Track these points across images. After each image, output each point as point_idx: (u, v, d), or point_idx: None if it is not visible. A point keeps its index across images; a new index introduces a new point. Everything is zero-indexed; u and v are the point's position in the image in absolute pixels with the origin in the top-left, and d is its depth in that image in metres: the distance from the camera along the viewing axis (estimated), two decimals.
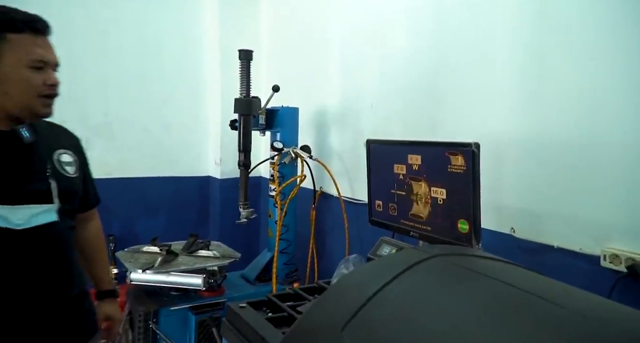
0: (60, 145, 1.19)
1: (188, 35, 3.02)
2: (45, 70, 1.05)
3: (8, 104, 1.04)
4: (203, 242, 2.25)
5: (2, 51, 1.01)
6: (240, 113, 2.02)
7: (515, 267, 0.80)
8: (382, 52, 2.12)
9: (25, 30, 1.02)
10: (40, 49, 1.04)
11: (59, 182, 1.12)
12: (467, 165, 1.10)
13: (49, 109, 1.08)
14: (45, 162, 1.12)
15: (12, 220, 1.02)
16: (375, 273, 0.75)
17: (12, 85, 1.02)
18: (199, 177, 3.15)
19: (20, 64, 1.02)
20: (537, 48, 1.46)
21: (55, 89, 1.07)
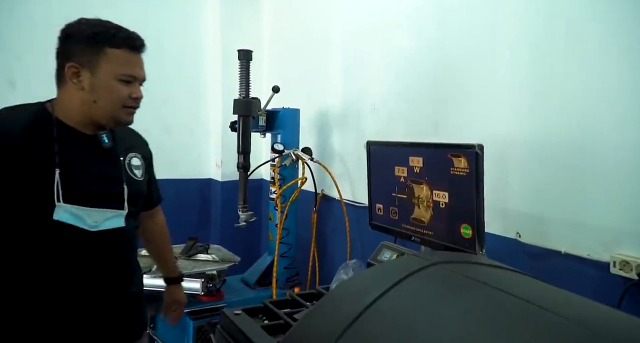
0: (131, 149, 1.26)
1: (189, 36, 3.00)
2: (133, 84, 1.12)
3: (95, 112, 1.10)
4: (202, 246, 2.21)
5: (99, 62, 1.08)
6: (239, 114, 1.98)
7: (518, 275, 0.75)
8: (383, 53, 2.08)
9: (123, 46, 1.09)
10: (133, 65, 1.12)
11: (129, 186, 1.18)
12: (470, 167, 1.06)
13: (131, 118, 1.15)
14: (120, 167, 1.19)
15: (87, 221, 1.09)
16: (372, 281, 0.71)
17: (102, 95, 1.09)
18: (199, 180, 3.12)
19: (112, 77, 1.09)
20: (542, 48, 1.41)
21: (139, 101, 1.15)
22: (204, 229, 3.09)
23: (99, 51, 1.07)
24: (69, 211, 1.06)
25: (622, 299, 1.18)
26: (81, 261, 1.11)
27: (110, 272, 1.17)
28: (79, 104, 1.10)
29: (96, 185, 1.13)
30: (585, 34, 1.31)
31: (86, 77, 1.08)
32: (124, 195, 1.16)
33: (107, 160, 1.17)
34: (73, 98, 1.10)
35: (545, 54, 1.41)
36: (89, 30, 1.08)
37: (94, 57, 1.07)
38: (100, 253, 1.14)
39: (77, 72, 1.08)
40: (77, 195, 1.08)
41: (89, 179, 1.12)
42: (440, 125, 1.78)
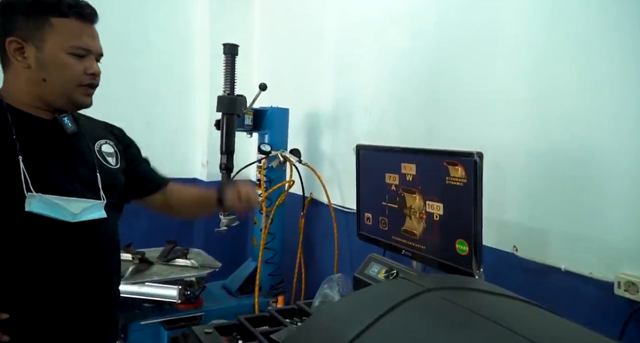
0: (101, 136, 1.15)
1: (176, 30, 2.88)
2: (88, 59, 1.01)
3: (47, 92, 0.99)
4: (181, 250, 2.10)
5: (45, 35, 0.96)
6: (223, 112, 1.87)
7: (522, 306, 0.65)
8: (377, 52, 1.98)
9: (70, 15, 0.98)
10: (84, 36, 1.00)
11: (103, 174, 1.08)
12: (468, 177, 0.96)
13: (89, 99, 1.04)
14: (90, 154, 1.08)
15: (66, 211, 0.97)
16: (358, 310, 0.61)
17: (52, 71, 0.98)
18: (184, 179, 2.99)
19: (61, 50, 0.97)
20: (545, 51, 1.32)
21: (96, 78, 1.03)
22: (186, 232, 2.97)
23: (44, 22, 0.96)
24: (43, 201, 0.94)
25: (627, 324, 1.09)
26: (58, 257, 1.00)
27: (89, 271, 1.05)
28: (27, 84, 0.98)
29: (66, 172, 1.02)
30: (590, 36, 1.22)
31: (31, 52, 0.96)
32: (97, 184, 1.05)
33: (73, 146, 1.05)
34: (20, 78, 0.98)
35: (547, 57, 1.32)
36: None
37: (38, 30, 0.96)
38: (80, 249, 1.03)
39: (20, 47, 0.96)
40: (49, 184, 0.96)
41: (57, 166, 1.01)
42: (435, 129, 1.69)
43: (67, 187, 1.00)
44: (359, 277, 1.23)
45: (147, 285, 1.85)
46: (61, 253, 1.00)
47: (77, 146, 1.06)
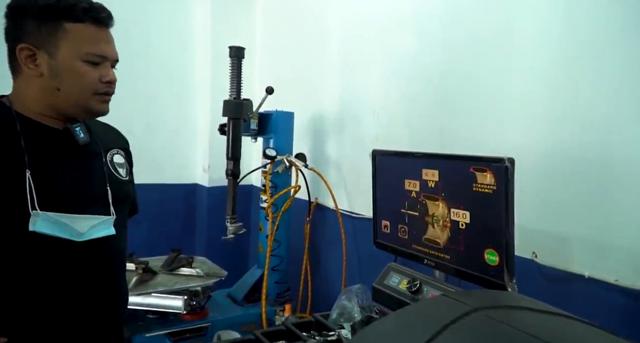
0: (112, 145, 1.10)
1: (177, 32, 2.83)
2: (103, 66, 0.95)
3: (61, 101, 0.94)
4: (185, 258, 2.04)
5: (58, 42, 0.91)
6: (229, 116, 1.82)
7: (572, 324, 0.61)
8: (385, 54, 1.94)
9: (85, 19, 0.92)
10: (100, 42, 0.94)
11: (114, 187, 1.02)
12: (498, 184, 0.91)
13: (105, 106, 0.98)
14: (102, 166, 1.02)
15: (72, 230, 0.92)
16: (406, 332, 0.56)
17: (66, 80, 0.92)
18: (185, 185, 2.94)
19: (76, 57, 0.92)
20: (565, 51, 1.28)
21: (112, 86, 0.98)
22: (188, 239, 2.92)
23: (57, 28, 0.90)
24: (49, 219, 0.88)
25: None
26: (64, 278, 0.94)
27: (96, 291, 1.00)
28: (39, 92, 0.93)
29: (76, 187, 0.96)
30: (610, 36, 1.18)
31: (44, 60, 0.91)
32: (108, 198, 0.99)
33: (85, 158, 1.00)
34: (32, 86, 0.93)
35: (565, 57, 1.28)
36: (41, 2, 0.90)
37: (51, 36, 0.90)
38: (86, 269, 0.97)
39: (32, 55, 0.91)
40: (55, 200, 0.91)
41: (66, 180, 0.95)
42: (447, 131, 1.65)
43: (76, 203, 0.95)
44: (378, 288, 1.18)
45: (151, 296, 1.79)
46: (66, 273, 0.95)
47: (88, 157, 1.01)
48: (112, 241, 1.01)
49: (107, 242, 0.99)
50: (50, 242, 0.90)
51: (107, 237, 0.98)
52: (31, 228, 0.87)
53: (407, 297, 1.10)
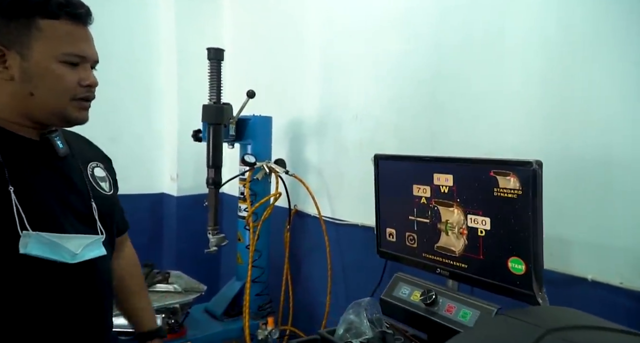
0: (91, 158, 1.00)
1: (138, 34, 2.66)
2: (82, 67, 0.86)
3: (34, 108, 0.83)
4: (161, 273, 1.90)
5: (31, 41, 0.80)
6: (209, 122, 1.71)
7: None
8: (368, 56, 1.90)
9: (61, 16, 0.82)
10: (78, 40, 0.84)
11: (98, 202, 0.93)
12: (524, 188, 0.88)
13: (85, 114, 0.88)
14: (83, 180, 0.93)
15: (65, 251, 0.83)
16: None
17: (40, 84, 0.82)
18: (151, 195, 2.77)
19: (51, 58, 0.82)
20: (560, 51, 1.28)
21: (92, 90, 0.88)
22: (155, 252, 2.75)
23: (30, 25, 0.80)
24: (41, 240, 0.79)
25: None
26: (52, 304, 0.84)
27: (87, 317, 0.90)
28: (10, 98, 0.83)
29: (61, 204, 0.86)
30: (608, 34, 1.19)
31: (15, 62, 0.80)
32: (94, 215, 0.90)
33: (66, 171, 0.90)
34: (1, 92, 0.82)
35: (561, 56, 1.28)
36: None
37: (23, 34, 0.80)
38: (75, 291, 0.87)
39: (1, 56, 0.80)
40: (45, 219, 0.81)
41: (51, 197, 0.85)
42: (439, 136, 1.62)
43: (62, 220, 0.84)
44: (388, 300, 1.12)
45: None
46: (55, 296, 0.84)
47: (67, 170, 0.91)
48: (102, 262, 0.91)
49: (96, 263, 0.89)
50: (39, 264, 0.79)
51: (97, 258, 0.88)
52: (22, 250, 0.76)
53: (422, 310, 1.05)
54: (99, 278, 0.92)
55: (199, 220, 2.62)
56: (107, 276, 0.96)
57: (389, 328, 1.09)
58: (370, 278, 1.63)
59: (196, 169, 2.73)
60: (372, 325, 1.09)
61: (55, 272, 0.82)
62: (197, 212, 2.60)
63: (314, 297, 2.20)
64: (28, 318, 0.81)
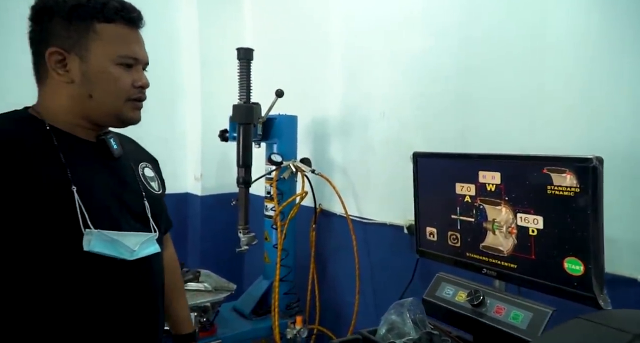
0: (141, 158, 1.03)
1: (162, 36, 2.67)
2: (135, 69, 0.89)
3: (93, 109, 0.86)
4: (191, 272, 1.90)
5: (89, 44, 0.83)
6: (240, 122, 1.70)
7: None
8: (394, 53, 1.88)
9: (117, 19, 0.85)
10: (132, 43, 0.88)
11: (150, 201, 0.95)
12: (582, 186, 0.85)
13: (138, 114, 0.91)
14: (136, 180, 0.96)
15: (125, 248, 0.85)
16: None
17: (99, 85, 0.85)
18: (176, 194, 2.78)
19: (109, 60, 0.85)
20: (605, 47, 1.25)
21: (144, 91, 0.92)
22: (180, 251, 2.75)
23: (87, 28, 0.83)
24: (103, 238, 0.81)
25: None
26: (110, 297, 0.86)
27: (138, 311, 0.91)
28: (70, 101, 0.84)
29: (118, 203, 0.89)
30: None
31: (74, 65, 0.83)
32: (147, 214, 0.93)
33: (120, 172, 0.92)
34: (61, 94, 0.84)
35: (605, 55, 1.25)
36: (70, 2, 0.82)
37: (82, 37, 0.82)
38: (133, 288, 0.89)
39: (62, 59, 0.82)
40: (102, 218, 0.83)
41: (108, 196, 0.87)
42: (468, 134, 1.60)
43: (119, 219, 0.86)
44: (431, 301, 1.11)
45: None
46: (114, 292, 0.86)
47: (121, 170, 0.93)
48: (156, 259, 0.93)
49: (151, 260, 0.90)
50: (100, 261, 0.81)
51: (151, 255, 0.90)
52: (86, 248, 0.78)
53: (468, 311, 1.04)
54: (154, 275, 0.94)
55: (223, 219, 2.64)
56: (161, 273, 0.98)
57: (433, 329, 1.07)
58: (398, 278, 1.62)
59: (219, 169, 2.74)
60: (416, 325, 1.08)
61: (115, 268, 0.83)
62: (221, 211, 2.62)
63: (341, 296, 2.20)
64: (89, 313, 0.83)
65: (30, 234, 0.76)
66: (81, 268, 0.80)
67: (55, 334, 0.80)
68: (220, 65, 2.57)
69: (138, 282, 0.89)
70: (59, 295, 0.80)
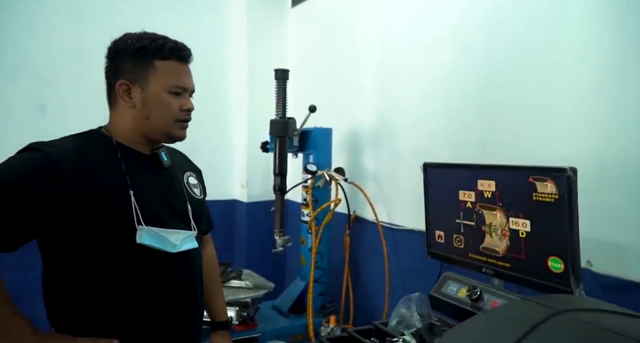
0: (186, 168, 1.23)
1: (215, 55, 2.97)
2: (183, 96, 1.08)
3: (148, 128, 1.06)
4: (234, 271, 2.11)
5: (149, 76, 1.03)
6: (276, 135, 1.90)
7: None
8: (422, 68, 1.99)
9: (171, 57, 1.05)
10: (181, 76, 1.07)
11: (192, 205, 1.14)
12: (560, 193, 0.95)
13: (184, 132, 1.10)
14: (181, 186, 1.15)
15: (168, 243, 1.03)
16: (489, 336, 0.61)
17: (154, 110, 1.04)
18: (224, 201, 3.04)
19: (162, 90, 1.04)
20: (615, 63, 1.30)
21: (190, 114, 1.10)
22: (228, 253, 3.00)
23: (148, 65, 1.03)
24: (151, 233, 1.00)
25: None
26: (158, 284, 1.05)
27: (180, 297, 1.09)
28: (131, 122, 1.06)
29: (165, 206, 1.08)
30: None
31: (137, 93, 1.03)
32: (189, 215, 1.11)
33: (169, 180, 1.12)
34: (126, 117, 1.06)
35: (615, 69, 1.30)
36: (136, 44, 1.03)
37: (144, 72, 1.03)
38: (176, 277, 1.08)
39: (128, 89, 1.04)
40: (152, 217, 1.02)
41: (158, 199, 1.07)
42: (489, 145, 1.68)
43: (166, 219, 1.05)
44: (437, 297, 1.23)
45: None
46: (161, 281, 1.05)
47: (170, 178, 1.12)
48: (195, 255, 1.11)
49: (190, 255, 1.09)
50: (149, 252, 1.00)
51: (190, 250, 1.08)
52: (138, 240, 0.98)
53: (468, 305, 1.14)
54: (193, 266, 1.12)
55: (266, 224, 2.85)
56: (199, 265, 1.16)
57: (437, 321, 1.19)
58: (426, 281, 1.72)
59: (263, 178, 2.96)
60: (422, 318, 1.20)
61: (160, 259, 1.03)
62: (264, 216, 2.82)
63: (373, 299, 2.31)
64: (139, 293, 1.02)
65: (96, 227, 0.96)
66: (133, 257, 1.00)
67: (112, 311, 1.00)
68: (264, 83, 2.81)
69: (178, 271, 1.07)
70: (117, 278, 1.00)
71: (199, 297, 1.17)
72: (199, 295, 1.16)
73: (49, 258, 0.99)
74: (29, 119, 2.38)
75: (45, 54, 2.44)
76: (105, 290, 1.00)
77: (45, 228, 0.94)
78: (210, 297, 1.32)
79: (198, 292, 1.15)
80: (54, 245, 0.98)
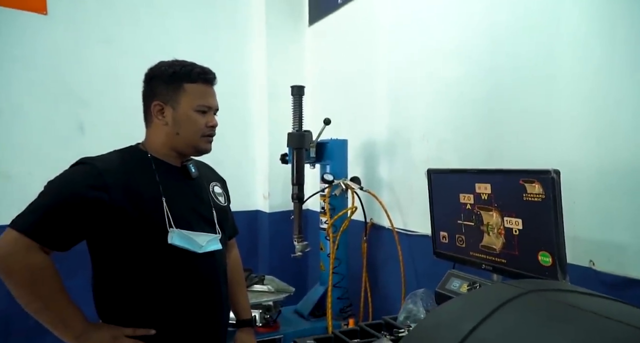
0: (212, 178, 1.38)
1: (238, 72, 3.13)
2: (209, 114, 1.22)
3: (178, 143, 1.21)
4: (257, 276, 2.24)
5: (180, 98, 1.18)
6: (293, 147, 2.04)
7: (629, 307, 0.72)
8: (432, 82, 2.10)
9: (198, 80, 1.20)
10: (207, 96, 1.22)
11: (217, 211, 1.28)
12: (546, 193, 1.05)
13: (209, 146, 1.25)
14: (207, 194, 1.29)
15: (196, 244, 1.16)
16: (464, 311, 0.70)
17: (183, 126, 1.19)
18: (248, 212, 3.18)
19: (190, 109, 1.19)
20: (607, 74, 1.37)
21: (214, 129, 1.24)
22: (252, 260, 3.13)
23: (179, 88, 1.18)
24: (181, 235, 1.14)
25: None
26: (186, 281, 1.17)
27: (207, 295, 1.22)
28: (164, 137, 1.20)
29: (193, 211, 1.21)
30: None
31: (169, 112, 1.19)
32: (214, 220, 1.24)
33: (196, 188, 1.26)
34: (159, 133, 1.21)
35: (607, 80, 1.38)
36: (169, 70, 1.19)
37: (175, 94, 1.18)
38: (202, 275, 1.20)
39: (161, 109, 1.19)
40: (181, 221, 1.16)
41: (186, 206, 1.20)
42: (495, 152, 1.77)
43: (194, 223, 1.19)
44: (441, 292, 1.32)
45: None
46: (189, 278, 1.18)
47: (197, 188, 1.27)
48: (219, 255, 1.25)
49: (215, 255, 1.22)
50: (178, 252, 1.14)
51: (216, 251, 1.22)
52: (169, 241, 1.12)
53: None
54: (218, 266, 1.25)
55: (287, 232, 2.97)
56: (223, 265, 1.30)
57: None
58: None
59: (284, 188, 3.09)
60: (428, 312, 1.29)
61: (188, 258, 1.16)
62: (286, 225, 2.94)
63: (391, 304, 2.38)
64: (170, 289, 1.16)
65: (134, 229, 1.11)
66: (165, 256, 1.14)
67: (148, 304, 1.14)
68: (284, 98, 2.96)
69: (205, 269, 1.21)
70: (151, 275, 1.13)
71: (224, 295, 1.29)
72: (223, 293, 1.28)
73: (95, 257, 1.15)
74: (70, 137, 2.60)
75: (84, 80, 2.67)
76: (141, 286, 1.14)
77: (92, 230, 1.09)
78: (235, 297, 1.45)
79: (223, 290, 1.28)
80: (99, 246, 1.13)
